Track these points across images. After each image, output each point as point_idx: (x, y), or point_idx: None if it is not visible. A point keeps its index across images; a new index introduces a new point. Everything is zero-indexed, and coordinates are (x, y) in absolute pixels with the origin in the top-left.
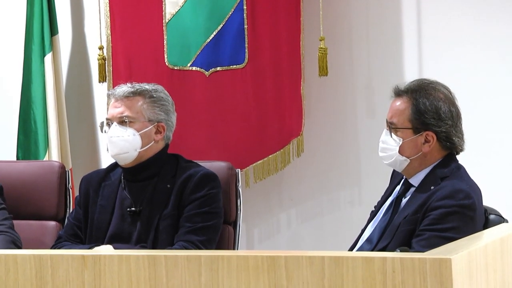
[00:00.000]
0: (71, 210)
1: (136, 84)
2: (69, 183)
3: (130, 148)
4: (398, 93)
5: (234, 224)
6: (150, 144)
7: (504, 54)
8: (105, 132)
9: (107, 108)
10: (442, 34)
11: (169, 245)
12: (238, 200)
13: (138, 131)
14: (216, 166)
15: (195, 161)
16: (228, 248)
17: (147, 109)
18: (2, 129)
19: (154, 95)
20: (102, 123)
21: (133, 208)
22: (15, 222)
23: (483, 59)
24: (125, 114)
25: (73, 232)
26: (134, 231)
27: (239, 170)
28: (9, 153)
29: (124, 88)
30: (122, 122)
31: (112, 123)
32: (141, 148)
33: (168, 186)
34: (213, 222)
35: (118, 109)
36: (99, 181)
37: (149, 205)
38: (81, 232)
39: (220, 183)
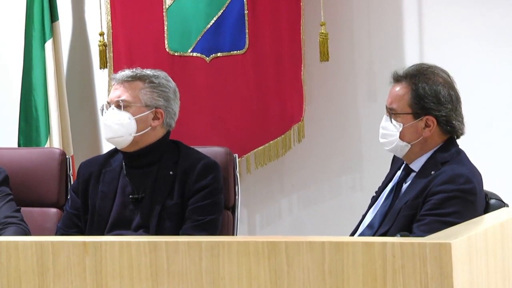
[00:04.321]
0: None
1: (138, 69)
2: (69, 170)
3: (125, 132)
4: (397, 78)
5: (233, 209)
6: (146, 130)
7: (505, 40)
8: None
9: (108, 95)
10: (443, 19)
11: (173, 233)
12: (236, 186)
13: (133, 116)
14: (214, 151)
15: (193, 147)
16: (227, 233)
17: (145, 94)
18: (3, 116)
19: (155, 81)
20: (102, 106)
21: (135, 195)
22: None
23: (484, 45)
24: (122, 97)
25: (71, 222)
26: (135, 218)
27: (237, 155)
28: (11, 140)
29: (125, 72)
30: (118, 105)
31: (110, 106)
32: (136, 133)
33: (171, 173)
34: (216, 216)
35: (116, 92)
36: (100, 167)
37: (151, 192)
38: (80, 221)
39: (221, 172)
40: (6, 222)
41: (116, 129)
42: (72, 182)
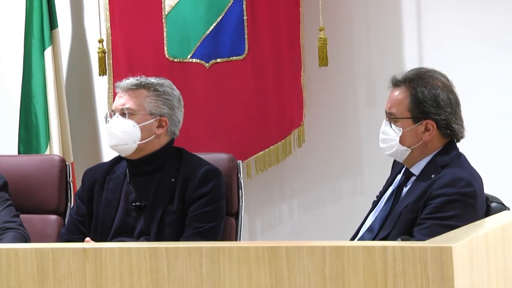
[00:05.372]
0: (72, 204)
1: (143, 77)
2: (69, 177)
3: (129, 140)
4: (396, 83)
5: (236, 216)
6: (150, 138)
7: (504, 42)
8: (108, 122)
9: (108, 101)
10: (442, 23)
11: (173, 240)
12: (240, 192)
13: (138, 124)
14: (217, 158)
15: (197, 153)
16: (230, 240)
17: (150, 102)
18: (3, 124)
19: (159, 89)
20: (106, 114)
21: (138, 203)
22: None
23: (484, 48)
24: (126, 105)
25: (75, 228)
26: (138, 225)
27: (241, 161)
28: (11, 147)
29: (130, 81)
30: (123, 113)
31: (115, 114)
32: (140, 140)
33: (173, 180)
34: (217, 223)
35: (121, 100)
36: (104, 174)
37: (153, 199)
38: (84, 227)
39: (223, 179)
40: (5, 227)
41: (121, 136)
42: (72, 189)
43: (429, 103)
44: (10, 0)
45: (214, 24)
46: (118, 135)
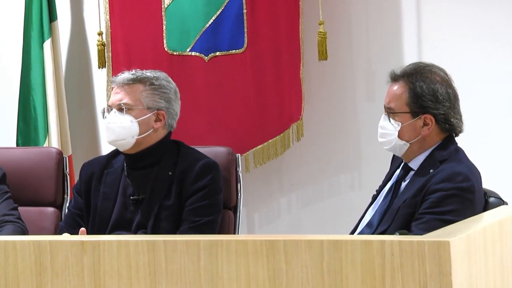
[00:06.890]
0: (69, 197)
1: (138, 71)
2: (67, 169)
3: (127, 135)
4: (395, 77)
5: (235, 209)
6: (148, 132)
7: (503, 39)
8: (105, 118)
9: (107, 94)
10: (442, 18)
11: (170, 233)
12: (238, 185)
13: (136, 118)
14: (216, 151)
15: (195, 146)
16: (228, 233)
17: (147, 96)
18: (1, 116)
19: (155, 83)
20: (103, 110)
21: (135, 197)
22: None
23: (483, 44)
24: (123, 101)
25: (73, 222)
26: (135, 219)
27: (239, 155)
28: (9, 140)
29: (125, 75)
30: (120, 109)
31: (112, 110)
32: (138, 135)
33: (170, 173)
34: (214, 217)
35: (117, 96)
36: (102, 168)
37: (150, 193)
38: (83, 221)
39: (220, 172)
40: (3, 220)
41: (119, 132)
42: (69, 182)
43: (427, 97)
44: None
45: (213, 18)
46: (117, 131)
